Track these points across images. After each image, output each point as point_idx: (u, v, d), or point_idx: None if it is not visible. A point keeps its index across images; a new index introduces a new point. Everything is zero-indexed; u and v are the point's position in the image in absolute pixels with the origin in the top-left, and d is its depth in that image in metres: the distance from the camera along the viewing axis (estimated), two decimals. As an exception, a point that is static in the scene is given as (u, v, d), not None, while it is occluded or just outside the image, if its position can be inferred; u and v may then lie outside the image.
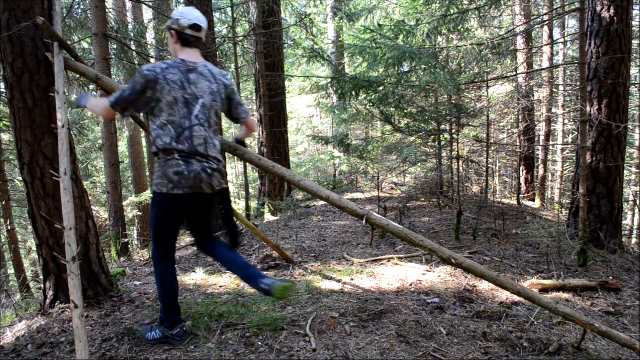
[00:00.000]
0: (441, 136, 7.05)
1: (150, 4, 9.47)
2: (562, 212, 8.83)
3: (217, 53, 7.43)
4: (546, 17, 7.59)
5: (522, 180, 9.44)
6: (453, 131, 6.42)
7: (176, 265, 4.66)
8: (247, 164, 6.66)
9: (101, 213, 11.71)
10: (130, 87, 2.24)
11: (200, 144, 2.28)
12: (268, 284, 2.36)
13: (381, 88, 6.00)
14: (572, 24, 14.21)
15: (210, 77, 2.36)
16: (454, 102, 6.48)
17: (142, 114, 2.73)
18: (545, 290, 3.47)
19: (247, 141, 16.61)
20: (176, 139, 2.23)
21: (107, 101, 2.30)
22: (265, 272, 4.09)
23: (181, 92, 2.24)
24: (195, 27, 2.33)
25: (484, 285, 3.46)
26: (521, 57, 8.70)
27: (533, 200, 9.54)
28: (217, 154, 2.38)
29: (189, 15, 2.33)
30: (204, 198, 2.37)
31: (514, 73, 8.29)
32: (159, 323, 2.56)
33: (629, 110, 5.52)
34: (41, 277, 3.16)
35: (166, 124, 2.24)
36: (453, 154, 6.54)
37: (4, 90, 3.31)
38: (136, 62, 9.10)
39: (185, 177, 2.23)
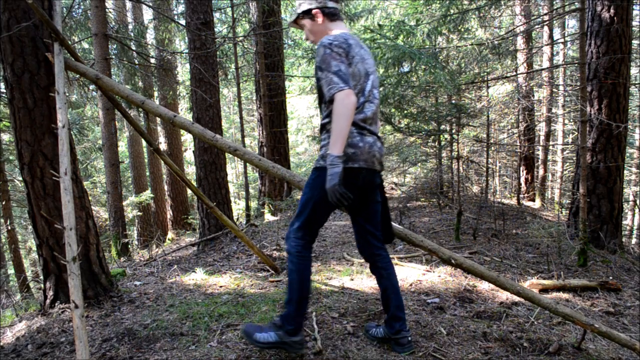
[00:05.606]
0: (441, 136, 7.06)
1: (150, 4, 9.47)
2: (562, 212, 8.84)
3: (217, 53, 7.43)
4: (546, 17, 7.59)
5: (522, 180, 9.44)
6: (453, 131, 6.42)
7: (177, 266, 4.69)
8: (247, 164, 6.66)
9: (101, 213, 11.71)
10: (337, 62, 1.96)
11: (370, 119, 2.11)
12: (409, 339, 2.29)
13: (381, 88, 6.00)
14: (572, 24, 14.21)
15: (370, 53, 2.19)
16: (454, 102, 6.48)
17: (142, 115, 2.71)
18: (545, 290, 3.47)
19: (247, 141, 16.56)
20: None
21: (340, 92, 1.90)
22: (263, 273, 4.09)
23: (362, 65, 2.07)
24: None
25: (484, 285, 3.46)
26: (521, 57, 8.70)
27: (533, 200, 9.54)
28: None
29: None
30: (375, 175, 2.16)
31: (514, 73, 8.30)
32: (278, 325, 2.17)
33: (629, 110, 5.52)
34: (41, 277, 3.16)
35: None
36: (453, 154, 6.55)
37: (4, 90, 3.31)
38: (136, 62, 9.10)
39: (360, 149, 2.04)
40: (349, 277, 3.73)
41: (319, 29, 2.16)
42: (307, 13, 2.15)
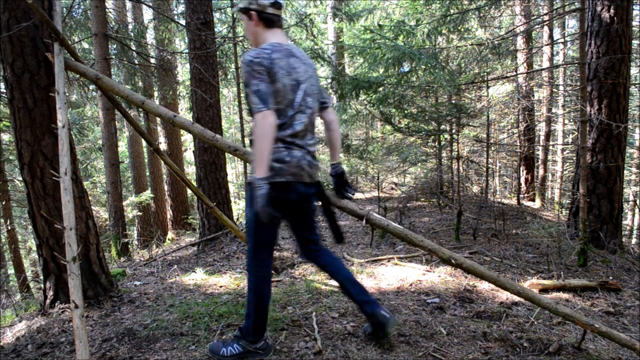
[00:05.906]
0: (441, 136, 7.06)
1: (150, 4, 9.47)
2: (562, 212, 8.84)
3: (217, 53, 7.43)
4: (546, 17, 7.59)
5: (522, 180, 9.44)
6: (453, 131, 6.43)
7: (177, 266, 4.69)
8: (247, 164, 6.66)
9: (101, 213, 11.71)
10: (257, 80, 1.95)
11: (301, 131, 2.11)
12: (387, 315, 2.27)
13: (381, 88, 6.00)
14: (572, 24, 14.22)
15: (305, 60, 2.17)
16: (454, 102, 6.48)
17: (142, 115, 2.70)
18: (545, 290, 3.47)
19: (247, 141, 16.54)
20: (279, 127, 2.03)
21: (258, 113, 1.90)
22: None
23: (289, 78, 2.03)
24: (277, 5, 2.13)
25: (484, 285, 3.46)
26: (521, 57, 8.70)
27: (533, 200, 9.54)
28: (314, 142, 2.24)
29: None
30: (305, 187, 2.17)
31: (514, 73, 8.30)
32: (239, 336, 2.26)
33: (629, 110, 5.52)
34: (41, 277, 3.17)
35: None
36: (453, 154, 6.55)
37: (4, 90, 3.31)
38: (136, 62, 9.10)
39: (287, 164, 2.05)
40: (349, 277, 3.73)
41: (253, 31, 2.16)
42: (246, 10, 2.14)
